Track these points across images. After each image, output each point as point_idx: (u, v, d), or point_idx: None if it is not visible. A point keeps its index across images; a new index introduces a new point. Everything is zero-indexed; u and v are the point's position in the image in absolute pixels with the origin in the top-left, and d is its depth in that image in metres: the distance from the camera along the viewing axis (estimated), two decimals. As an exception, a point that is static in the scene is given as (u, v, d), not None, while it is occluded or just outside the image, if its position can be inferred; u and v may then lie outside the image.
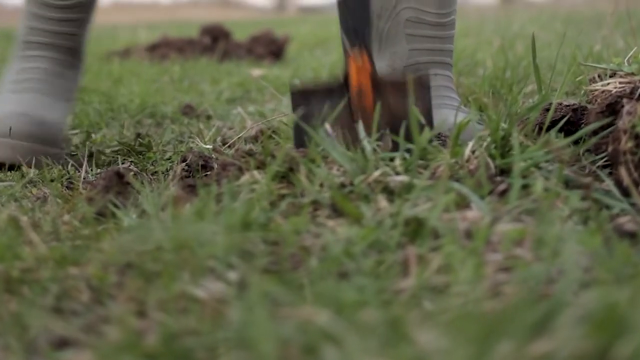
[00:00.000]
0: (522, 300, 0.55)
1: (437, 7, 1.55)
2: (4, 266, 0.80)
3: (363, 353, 0.49)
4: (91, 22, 1.63)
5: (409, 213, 0.85)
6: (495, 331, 0.49)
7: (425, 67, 1.57)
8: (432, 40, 1.57)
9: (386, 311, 0.61)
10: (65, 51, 1.58)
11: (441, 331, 0.52)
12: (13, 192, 1.21)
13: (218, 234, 0.80)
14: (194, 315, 0.68)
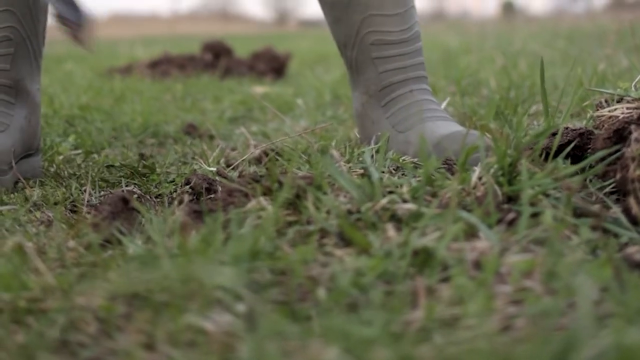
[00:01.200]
0: (537, 337, 0.55)
1: (398, 25, 1.57)
2: (11, 296, 0.80)
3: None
4: (29, 57, 1.60)
5: (417, 243, 0.85)
6: None
7: (399, 86, 1.58)
8: (400, 58, 1.58)
9: (396, 347, 0.61)
10: None
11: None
12: (17, 216, 1.20)
13: (226, 264, 0.80)
14: (202, 348, 0.68)
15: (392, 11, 1.55)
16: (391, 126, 1.55)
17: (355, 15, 1.57)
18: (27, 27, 1.56)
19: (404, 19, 1.57)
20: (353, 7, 1.57)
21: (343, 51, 1.65)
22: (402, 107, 1.55)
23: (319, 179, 1.02)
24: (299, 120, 2.25)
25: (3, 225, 1.15)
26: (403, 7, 1.57)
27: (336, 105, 2.64)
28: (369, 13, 1.55)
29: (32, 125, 1.62)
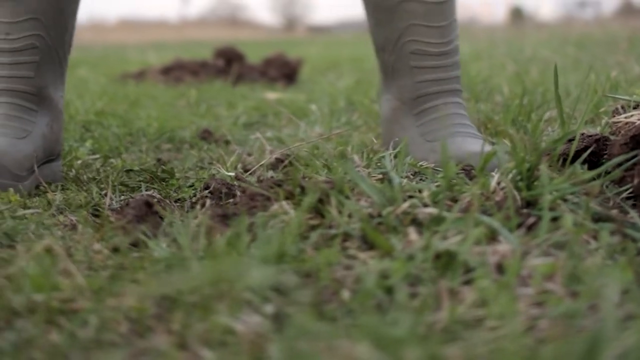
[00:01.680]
0: (561, 338, 0.56)
1: (439, 37, 1.58)
2: (43, 297, 0.82)
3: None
4: (54, 64, 1.63)
5: (439, 246, 0.86)
6: None
7: (433, 97, 1.59)
8: (438, 70, 1.59)
9: (425, 346, 0.62)
10: (20, 96, 1.58)
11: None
12: (41, 220, 1.22)
13: (253, 267, 0.82)
14: (232, 348, 0.69)
15: (436, 23, 1.56)
16: (420, 135, 1.56)
17: (399, 22, 1.58)
18: (53, 35, 1.58)
19: (446, 32, 1.58)
20: (398, 13, 1.58)
21: (380, 54, 1.66)
22: (434, 118, 1.57)
23: (341, 184, 1.04)
24: (313, 126, 2.26)
25: (28, 229, 1.17)
26: (446, 19, 1.58)
27: (350, 111, 2.66)
28: (413, 22, 1.56)
29: (55, 132, 1.64)
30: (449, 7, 1.59)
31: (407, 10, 1.56)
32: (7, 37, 1.53)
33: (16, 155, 1.49)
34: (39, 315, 0.79)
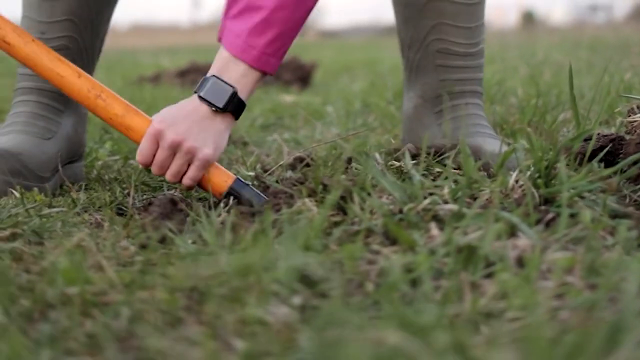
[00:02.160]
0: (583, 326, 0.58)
1: (466, 38, 1.59)
2: (77, 290, 0.84)
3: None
4: (83, 67, 1.65)
5: (460, 241, 0.88)
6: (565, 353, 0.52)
7: (456, 96, 1.61)
8: (463, 70, 1.61)
9: (452, 333, 0.65)
10: (49, 95, 1.61)
11: (511, 354, 0.56)
12: (66, 218, 1.24)
13: (280, 260, 0.84)
14: (263, 338, 0.72)
15: (464, 24, 1.58)
16: (440, 133, 1.58)
17: (426, 20, 1.59)
18: (86, 38, 1.61)
19: (473, 33, 1.60)
20: (426, 11, 1.59)
21: (406, 51, 1.67)
22: (455, 117, 1.58)
23: (363, 181, 1.06)
24: (330, 128, 2.29)
25: (55, 227, 1.19)
26: (475, 21, 1.59)
27: (366, 113, 2.68)
28: (441, 21, 1.58)
29: (79, 134, 1.67)
30: (478, 9, 1.60)
31: (436, 9, 1.58)
32: (42, 36, 1.56)
33: (41, 157, 1.52)
34: (72, 307, 0.82)
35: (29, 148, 1.52)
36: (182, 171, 1.33)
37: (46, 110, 1.61)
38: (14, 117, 1.61)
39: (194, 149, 1.31)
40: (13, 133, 1.56)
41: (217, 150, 1.34)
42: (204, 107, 1.34)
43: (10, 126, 1.59)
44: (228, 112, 1.34)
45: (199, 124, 1.33)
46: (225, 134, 1.36)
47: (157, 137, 1.33)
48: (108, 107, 1.38)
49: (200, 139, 1.32)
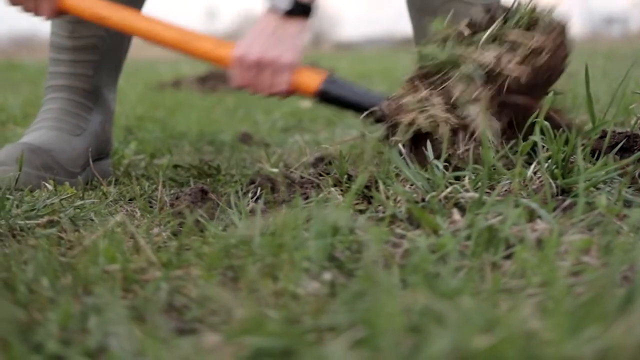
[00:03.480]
0: (603, 290, 0.63)
1: None
2: (117, 267, 0.89)
3: (469, 330, 0.56)
4: (111, 66, 1.71)
5: (482, 225, 0.93)
6: (585, 313, 0.56)
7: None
8: None
9: (478, 297, 0.69)
10: (78, 92, 1.67)
11: (537, 312, 0.60)
12: (98, 209, 1.29)
13: (310, 240, 0.89)
14: (296, 309, 0.76)
15: None
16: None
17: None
18: (114, 38, 1.66)
19: None
20: (441, 13, 1.63)
21: None
22: None
23: (386, 171, 1.11)
24: (349, 130, 2.33)
25: (88, 217, 1.24)
26: None
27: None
28: None
29: (106, 131, 1.72)
30: None
31: (450, 11, 1.62)
32: (72, 34, 1.61)
33: (71, 153, 1.57)
34: (114, 283, 0.86)
35: (59, 144, 1.57)
36: (274, 83, 1.40)
37: (76, 107, 1.66)
38: (44, 113, 1.66)
39: (274, 60, 1.40)
40: (44, 129, 1.62)
41: (296, 52, 1.43)
42: (273, 17, 1.42)
43: (41, 122, 1.64)
44: (296, 15, 1.42)
45: (272, 36, 1.41)
46: (301, 36, 1.44)
47: (240, 62, 1.41)
48: (199, 45, 1.49)
49: (276, 49, 1.40)
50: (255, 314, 0.67)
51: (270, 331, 0.65)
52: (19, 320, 0.73)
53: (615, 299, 0.64)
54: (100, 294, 0.83)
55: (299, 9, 1.42)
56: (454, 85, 1.25)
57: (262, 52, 1.41)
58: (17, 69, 7.33)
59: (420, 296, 0.64)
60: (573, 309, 0.59)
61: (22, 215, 1.19)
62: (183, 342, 0.68)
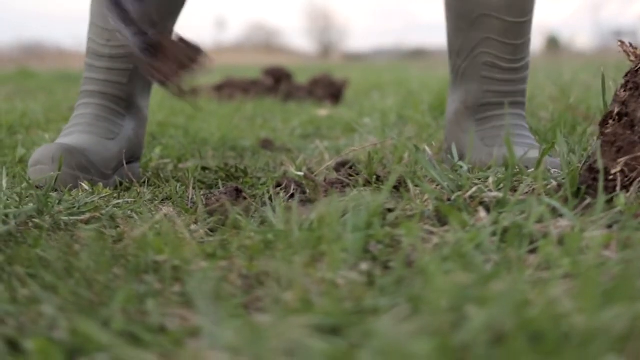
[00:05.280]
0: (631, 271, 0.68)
1: (512, 54, 1.69)
2: (165, 257, 0.95)
3: (504, 308, 0.62)
4: (144, 77, 1.77)
5: (507, 221, 0.98)
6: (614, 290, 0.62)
7: (496, 107, 1.71)
8: (505, 83, 1.71)
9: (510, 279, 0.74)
10: (111, 99, 1.73)
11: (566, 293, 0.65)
12: (135, 208, 1.35)
13: (347, 233, 0.94)
14: (336, 296, 0.82)
15: (512, 40, 1.68)
16: (480, 139, 1.68)
17: (476, 33, 1.70)
18: None
19: (519, 49, 1.70)
20: (477, 25, 1.69)
21: (453, 57, 1.77)
22: (495, 126, 1.68)
23: (414, 172, 1.17)
24: (367, 138, 2.39)
25: (126, 214, 1.30)
26: (521, 38, 1.70)
27: (402, 124, 2.78)
28: (490, 36, 1.68)
29: (139, 137, 1.78)
30: (526, 27, 1.70)
31: (486, 24, 1.68)
32: (108, 42, 1.68)
33: (105, 155, 1.63)
34: (164, 272, 0.92)
35: (93, 146, 1.63)
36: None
37: (108, 113, 1.72)
38: (77, 118, 1.73)
39: None
40: (76, 133, 1.68)
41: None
42: None
43: (74, 127, 1.71)
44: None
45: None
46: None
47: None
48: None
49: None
50: (304, 296, 0.73)
51: (318, 311, 0.70)
52: (85, 300, 0.79)
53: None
54: (150, 283, 0.89)
55: None
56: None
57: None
58: (31, 77, 7.40)
59: (459, 278, 0.69)
60: (601, 288, 0.64)
61: (64, 212, 1.25)
62: (235, 322, 0.74)
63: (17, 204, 1.24)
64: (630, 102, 1.16)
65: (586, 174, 1.14)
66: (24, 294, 0.86)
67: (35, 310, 0.79)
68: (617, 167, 1.12)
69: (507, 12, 1.67)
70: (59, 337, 0.72)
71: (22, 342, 0.71)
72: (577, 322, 0.58)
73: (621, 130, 1.14)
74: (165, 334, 0.75)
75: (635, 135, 1.13)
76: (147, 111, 1.84)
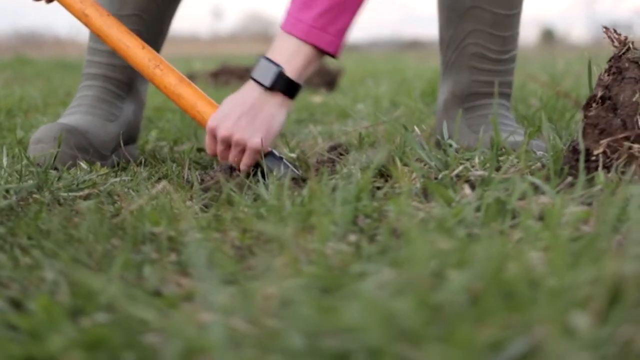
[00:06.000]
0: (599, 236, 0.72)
1: (500, 45, 1.73)
2: (161, 230, 0.99)
3: (482, 269, 0.66)
4: None
5: (490, 198, 1.02)
6: (583, 253, 0.66)
7: (483, 97, 1.75)
8: (493, 73, 1.75)
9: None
10: (114, 82, 1.77)
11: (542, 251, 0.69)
12: (132, 186, 1.39)
13: (336, 207, 0.98)
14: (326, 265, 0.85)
15: (500, 32, 1.72)
16: (467, 126, 1.72)
17: (466, 24, 1.74)
18: (151, 33, 1.76)
19: (507, 41, 1.75)
20: (467, 17, 1.73)
21: (444, 49, 1.81)
22: (481, 114, 1.73)
23: (402, 151, 1.21)
24: (361, 123, 2.42)
25: (123, 191, 1.34)
26: (510, 30, 1.74)
27: (394, 110, 2.82)
28: (479, 27, 1.72)
29: (137, 120, 1.82)
30: (514, 19, 1.75)
31: (476, 16, 1.72)
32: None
33: (104, 137, 1.67)
34: (160, 243, 0.96)
35: (94, 127, 1.67)
36: (240, 161, 1.44)
37: (110, 95, 1.76)
38: (80, 99, 1.77)
39: (243, 141, 1.42)
40: (79, 114, 1.72)
41: (269, 135, 1.43)
42: (256, 90, 1.44)
43: (76, 107, 1.75)
44: (278, 92, 1.43)
45: (248, 114, 1.43)
46: (278, 116, 1.44)
47: (213, 133, 1.45)
48: (164, 76, 1.53)
49: (248, 130, 1.42)
50: (294, 262, 0.77)
51: (308, 275, 0.74)
52: (85, 266, 0.83)
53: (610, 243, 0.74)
54: (148, 252, 0.93)
55: (283, 86, 1.43)
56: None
57: (233, 130, 1.42)
58: (28, 64, 7.43)
59: (440, 244, 0.73)
60: (572, 251, 0.68)
61: (63, 188, 1.29)
62: (229, 289, 0.78)
63: (18, 180, 1.28)
64: (613, 86, 1.20)
65: (569, 155, 1.17)
66: (26, 261, 0.90)
67: (37, 275, 0.83)
68: (599, 148, 1.16)
69: (496, 5, 1.71)
70: (60, 299, 0.76)
71: (26, 302, 0.75)
72: (548, 283, 0.62)
73: (604, 113, 1.18)
74: (161, 298, 0.79)
75: (618, 118, 1.16)
76: (145, 96, 1.88)
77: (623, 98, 1.17)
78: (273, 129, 1.44)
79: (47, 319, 0.66)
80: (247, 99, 1.44)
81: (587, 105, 1.21)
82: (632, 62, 1.20)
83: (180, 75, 1.55)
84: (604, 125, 1.16)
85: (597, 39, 37.06)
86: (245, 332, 0.64)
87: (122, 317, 0.68)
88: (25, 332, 0.66)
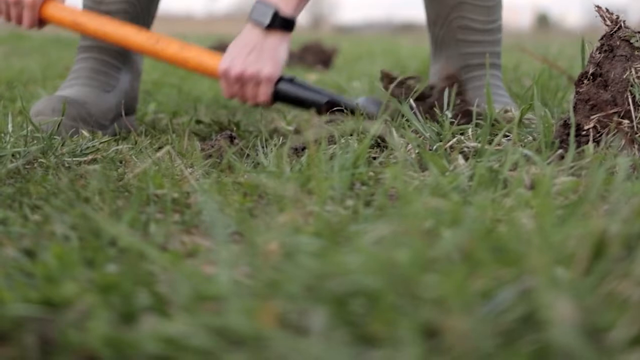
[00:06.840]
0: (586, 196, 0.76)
1: (485, 15, 1.77)
2: (164, 192, 1.02)
3: (474, 226, 0.69)
4: None
5: (483, 168, 1.06)
6: (569, 213, 0.69)
7: (475, 68, 1.78)
8: (481, 44, 1.79)
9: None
10: (108, 52, 1.81)
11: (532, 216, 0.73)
12: (134, 153, 1.42)
13: (334, 173, 1.02)
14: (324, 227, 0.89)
15: (483, 3, 1.77)
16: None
17: (450, 0, 1.78)
18: (142, 4, 1.80)
19: (491, 11, 1.79)
20: None
21: (431, 27, 1.85)
22: (474, 86, 1.77)
23: (398, 122, 1.24)
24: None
25: (125, 158, 1.37)
26: (493, 1, 1.78)
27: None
28: (462, 0, 1.76)
29: (134, 90, 1.86)
30: None
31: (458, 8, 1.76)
32: (103, 1, 1.76)
33: (103, 107, 1.71)
34: (164, 204, 0.99)
35: (92, 98, 1.70)
36: (256, 94, 1.55)
37: (106, 66, 1.79)
38: (76, 72, 1.80)
39: (255, 74, 1.54)
40: (77, 85, 1.75)
41: (277, 65, 1.57)
42: (255, 31, 1.56)
43: (74, 79, 1.78)
44: (277, 29, 1.55)
45: (254, 51, 1.55)
46: (282, 48, 1.58)
47: (225, 76, 1.56)
48: (167, 48, 1.66)
49: (257, 64, 1.55)
50: (294, 220, 0.80)
51: (307, 233, 0.78)
52: (93, 222, 0.86)
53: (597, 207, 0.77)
54: (152, 213, 0.97)
55: (280, 23, 1.56)
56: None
57: (244, 67, 1.56)
58: (24, 39, 7.42)
59: (435, 203, 0.77)
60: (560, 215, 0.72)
61: (68, 154, 1.32)
62: (232, 246, 0.81)
63: (24, 145, 1.31)
64: (604, 64, 1.23)
65: (560, 129, 1.21)
66: (35, 218, 0.93)
67: (48, 229, 0.87)
68: (590, 123, 1.20)
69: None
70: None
71: (40, 253, 0.78)
72: (535, 240, 0.66)
73: (595, 89, 1.22)
74: (167, 252, 0.82)
75: (608, 94, 1.20)
76: (141, 65, 1.91)
77: (614, 75, 1.21)
78: (280, 59, 1.58)
79: (61, 266, 0.70)
80: (250, 39, 1.57)
81: (578, 81, 1.24)
82: (623, 40, 1.24)
83: (181, 42, 1.63)
84: (595, 100, 1.20)
85: (592, 23, 37.00)
86: (248, 283, 0.67)
87: (131, 267, 0.72)
88: (40, 278, 0.69)
